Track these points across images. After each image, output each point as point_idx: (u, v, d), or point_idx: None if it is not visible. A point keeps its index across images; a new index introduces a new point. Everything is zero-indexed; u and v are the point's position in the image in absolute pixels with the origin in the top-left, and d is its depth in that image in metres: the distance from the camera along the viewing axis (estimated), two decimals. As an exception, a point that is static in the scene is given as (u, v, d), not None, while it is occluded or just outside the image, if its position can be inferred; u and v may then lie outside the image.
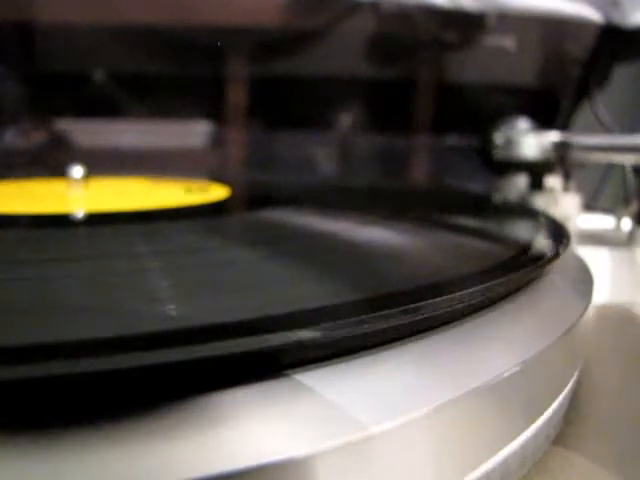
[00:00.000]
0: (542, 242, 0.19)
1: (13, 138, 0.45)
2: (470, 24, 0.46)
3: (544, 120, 0.42)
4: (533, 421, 0.13)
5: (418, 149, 0.51)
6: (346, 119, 0.51)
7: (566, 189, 0.38)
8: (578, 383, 0.16)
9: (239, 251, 0.17)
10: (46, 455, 0.08)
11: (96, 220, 0.22)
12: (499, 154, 0.40)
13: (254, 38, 0.46)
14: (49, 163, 0.45)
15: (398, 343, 0.11)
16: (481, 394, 0.11)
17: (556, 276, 0.17)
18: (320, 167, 0.51)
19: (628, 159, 0.35)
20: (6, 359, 0.08)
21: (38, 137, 0.46)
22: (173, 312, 0.11)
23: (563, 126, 0.50)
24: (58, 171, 0.29)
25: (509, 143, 0.40)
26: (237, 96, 0.47)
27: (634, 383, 0.18)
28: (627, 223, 0.35)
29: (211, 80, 0.47)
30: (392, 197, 0.34)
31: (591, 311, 0.17)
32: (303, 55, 0.47)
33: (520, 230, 0.24)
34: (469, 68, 0.49)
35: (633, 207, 0.35)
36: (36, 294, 0.12)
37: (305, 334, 0.10)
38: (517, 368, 0.12)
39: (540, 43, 0.50)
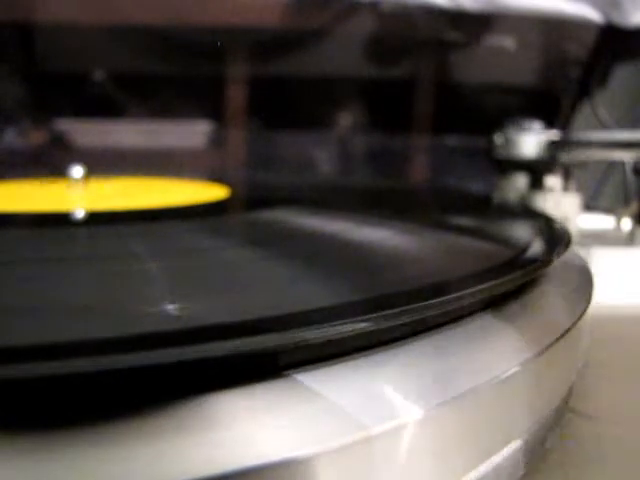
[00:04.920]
0: (542, 242, 0.19)
1: (13, 138, 0.45)
2: (470, 24, 0.46)
3: (544, 120, 0.42)
4: (533, 421, 0.13)
5: (418, 149, 0.52)
6: (346, 119, 0.51)
7: (566, 189, 0.38)
8: (578, 383, 0.16)
9: (239, 251, 0.17)
10: (44, 456, 0.08)
11: (96, 220, 0.22)
12: (499, 154, 0.40)
13: (254, 38, 0.46)
14: (49, 163, 0.46)
15: (398, 343, 0.11)
16: (481, 394, 0.11)
17: (556, 276, 0.17)
18: (320, 167, 0.51)
19: (628, 156, 0.35)
20: (5, 359, 0.08)
21: (38, 137, 0.46)
22: (173, 312, 0.11)
23: (563, 126, 0.50)
24: (58, 171, 0.29)
25: (508, 142, 0.40)
26: (237, 96, 0.47)
27: (634, 383, 0.18)
28: (627, 223, 0.35)
29: (211, 80, 0.47)
30: (392, 197, 0.34)
31: (591, 311, 0.17)
32: (303, 55, 0.47)
33: (520, 230, 0.24)
34: (469, 68, 0.49)
35: (633, 207, 0.35)
36: (36, 294, 0.12)
37: (305, 334, 0.10)
38: (517, 368, 0.12)
39: (540, 43, 0.50)
